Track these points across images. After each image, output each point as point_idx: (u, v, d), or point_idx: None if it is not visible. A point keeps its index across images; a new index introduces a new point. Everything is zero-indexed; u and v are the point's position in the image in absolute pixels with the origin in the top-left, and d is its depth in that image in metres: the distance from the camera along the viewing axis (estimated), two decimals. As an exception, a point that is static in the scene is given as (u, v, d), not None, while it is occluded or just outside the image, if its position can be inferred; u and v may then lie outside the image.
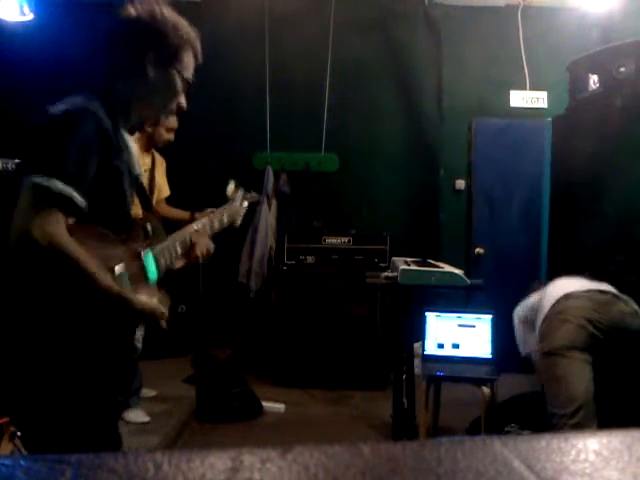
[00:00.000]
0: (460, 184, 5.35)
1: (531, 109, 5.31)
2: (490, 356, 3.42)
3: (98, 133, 1.42)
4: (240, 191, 2.21)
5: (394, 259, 3.59)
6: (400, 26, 5.37)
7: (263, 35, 5.23)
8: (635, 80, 3.47)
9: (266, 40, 5.23)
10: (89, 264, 1.36)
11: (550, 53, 5.05)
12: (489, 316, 3.46)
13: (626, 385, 2.75)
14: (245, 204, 2.21)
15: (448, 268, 3.06)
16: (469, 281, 2.93)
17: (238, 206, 2.15)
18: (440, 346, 3.48)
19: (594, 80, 3.70)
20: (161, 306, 1.53)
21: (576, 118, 3.87)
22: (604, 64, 3.62)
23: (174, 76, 1.60)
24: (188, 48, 1.62)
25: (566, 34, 4.98)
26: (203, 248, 1.78)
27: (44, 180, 1.32)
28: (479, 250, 5.19)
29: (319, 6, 5.23)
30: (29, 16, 4.36)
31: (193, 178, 4.87)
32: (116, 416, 1.64)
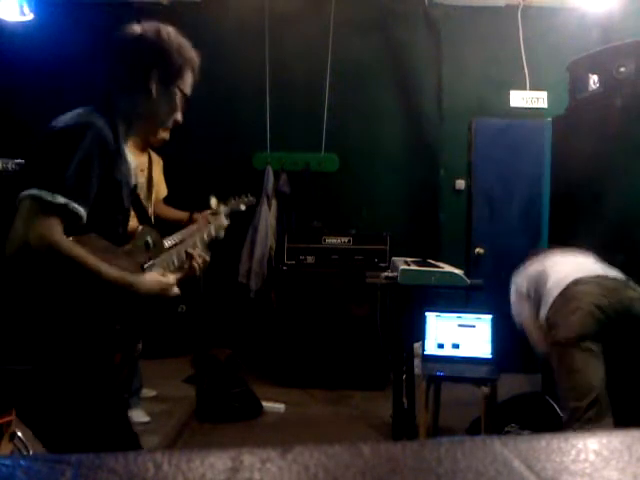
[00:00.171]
0: (460, 184, 5.35)
1: (531, 109, 5.31)
2: (490, 356, 3.42)
3: (101, 148, 1.44)
4: (222, 206, 2.30)
5: (394, 259, 3.60)
6: (400, 26, 5.37)
7: (263, 35, 5.23)
8: (635, 80, 3.47)
9: (266, 40, 5.23)
10: (89, 259, 1.38)
11: (550, 53, 5.05)
12: (489, 316, 3.47)
13: (633, 373, 2.73)
14: (227, 220, 2.28)
15: (448, 268, 3.06)
16: (469, 281, 2.93)
17: (223, 220, 2.22)
18: (440, 346, 3.48)
19: (594, 80, 3.70)
20: (169, 281, 1.59)
21: (576, 118, 3.86)
22: (604, 64, 3.62)
23: (175, 93, 1.64)
24: (190, 67, 1.66)
25: (566, 34, 4.98)
26: (199, 260, 1.83)
27: (42, 193, 1.33)
28: (479, 250, 5.19)
29: (319, 6, 5.23)
30: (29, 16, 4.36)
31: (193, 178, 4.87)
32: (125, 414, 1.66)
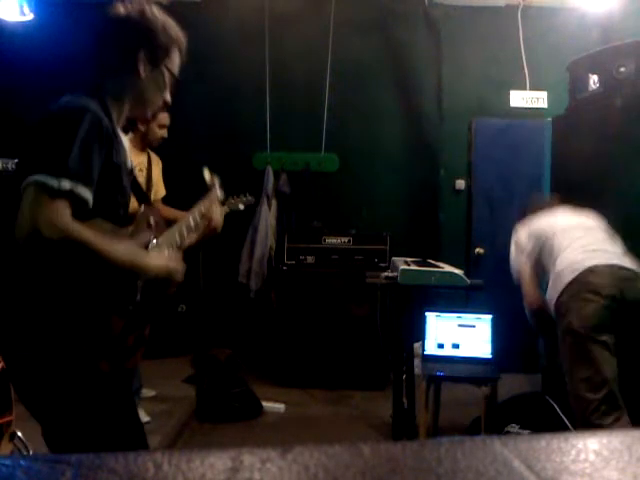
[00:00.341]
0: (460, 184, 5.35)
1: (531, 109, 5.31)
2: (490, 356, 3.42)
3: (99, 131, 1.43)
4: (216, 178, 2.27)
5: (394, 259, 3.59)
6: (400, 26, 5.37)
7: (263, 35, 5.23)
8: (635, 80, 3.47)
9: (266, 40, 5.23)
10: (101, 243, 1.38)
11: (550, 53, 5.05)
12: (489, 316, 3.46)
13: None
14: (221, 193, 2.24)
15: (448, 268, 3.06)
16: (469, 281, 2.93)
17: (218, 192, 2.17)
18: (440, 346, 3.48)
19: (594, 80, 3.70)
20: (176, 265, 1.59)
21: (576, 118, 3.87)
22: (604, 64, 3.62)
23: (164, 73, 1.63)
24: (176, 46, 1.64)
25: (566, 34, 4.98)
26: (218, 217, 1.90)
27: (48, 178, 1.32)
28: (479, 250, 5.19)
29: (319, 6, 5.23)
30: (29, 16, 4.36)
31: (193, 178, 4.86)
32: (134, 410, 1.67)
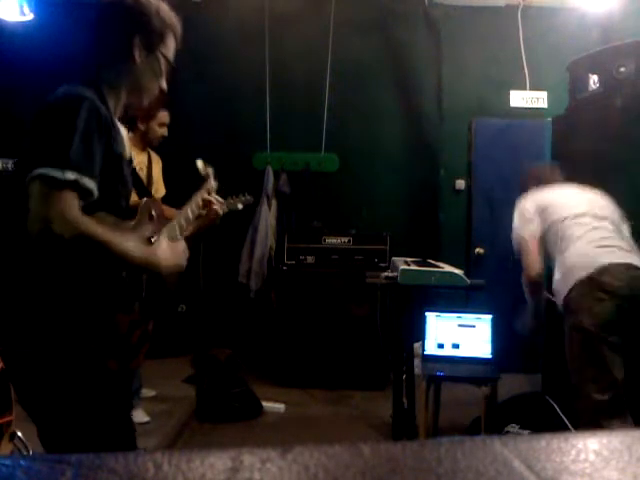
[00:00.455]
0: (460, 184, 5.35)
1: (531, 109, 5.31)
2: (490, 356, 3.42)
3: (98, 120, 1.41)
4: (210, 168, 2.28)
5: (394, 259, 3.59)
6: (400, 26, 5.37)
7: (263, 35, 5.23)
8: (635, 80, 3.47)
9: (266, 40, 5.23)
10: (116, 242, 1.38)
11: (550, 53, 5.05)
12: (489, 316, 3.46)
13: None
14: (216, 183, 2.22)
15: (448, 268, 3.06)
16: (469, 281, 2.92)
17: (212, 183, 2.17)
18: (440, 346, 3.48)
19: (594, 80, 3.70)
20: (184, 260, 1.60)
21: (576, 118, 3.86)
22: (604, 64, 3.62)
23: (159, 59, 1.61)
24: (171, 31, 1.62)
25: (566, 34, 4.97)
26: (217, 206, 1.92)
27: (51, 171, 1.30)
28: (479, 250, 5.19)
29: (319, 6, 5.23)
30: (29, 16, 4.36)
31: (193, 178, 4.86)
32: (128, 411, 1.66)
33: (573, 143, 3.81)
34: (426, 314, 3.51)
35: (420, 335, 3.51)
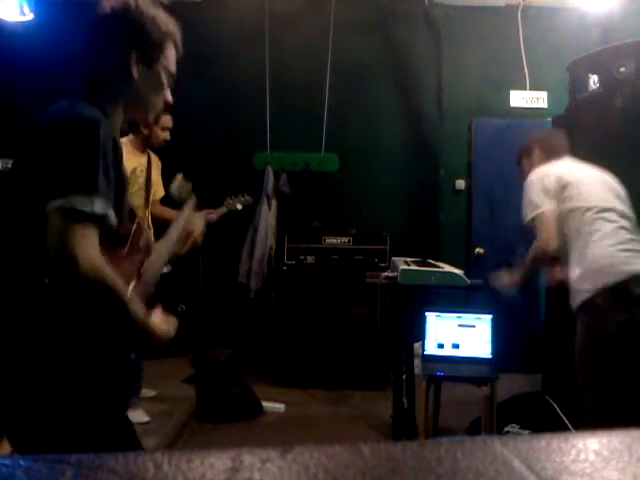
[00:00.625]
0: (460, 184, 5.35)
1: (531, 109, 5.31)
2: (490, 356, 3.42)
3: (113, 145, 1.35)
4: (189, 184, 2.19)
5: (394, 259, 3.60)
6: (400, 26, 5.37)
7: (263, 35, 5.23)
8: (635, 80, 3.47)
9: (266, 40, 5.23)
10: (126, 296, 1.34)
11: (550, 53, 5.05)
12: (489, 316, 3.46)
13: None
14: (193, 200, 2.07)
15: (448, 268, 3.06)
16: (469, 281, 2.93)
17: (192, 202, 2.00)
18: (440, 346, 3.48)
19: (594, 80, 3.69)
20: (170, 330, 1.51)
21: (576, 118, 3.86)
22: (604, 64, 3.62)
23: (160, 72, 1.52)
24: (170, 40, 1.51)
25: (566, 34, 4.98)
26: (198, 229, 1.84)
27: (77, 203, 1.23)
28: (479, 250, 5.19)
29: (319, 6, 5.23)
30: (29, 16, 4.36)
31: (192, 178, 4.86)
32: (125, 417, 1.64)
33: (573, 143, 3.81)
34: (426, 314, 3.51)
35: (420, 335, 3.51)
